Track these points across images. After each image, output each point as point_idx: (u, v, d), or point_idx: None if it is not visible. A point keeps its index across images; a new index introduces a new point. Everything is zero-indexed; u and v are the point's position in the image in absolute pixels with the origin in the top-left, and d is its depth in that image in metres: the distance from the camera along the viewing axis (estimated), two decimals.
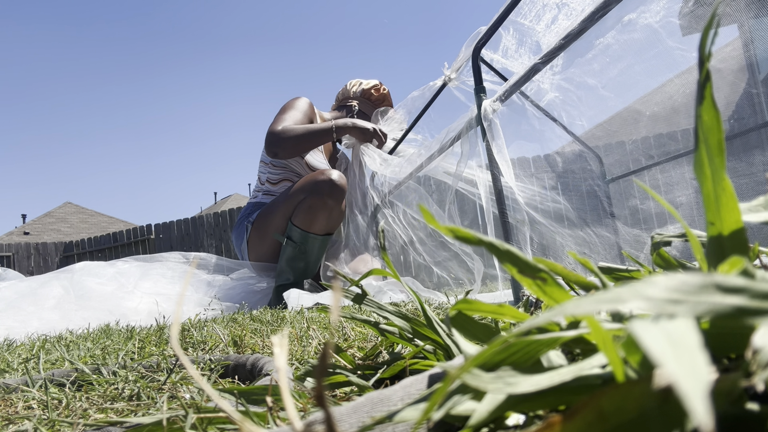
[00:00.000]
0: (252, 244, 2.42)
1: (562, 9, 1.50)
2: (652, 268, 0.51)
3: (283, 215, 2.30)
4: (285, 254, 2.27)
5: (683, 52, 1.60)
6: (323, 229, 2.26)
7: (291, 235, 2.25)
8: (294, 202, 2.26)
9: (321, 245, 2.29)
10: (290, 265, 2.26)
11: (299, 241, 2.24)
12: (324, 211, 2.22)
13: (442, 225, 0.30)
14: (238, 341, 0.84)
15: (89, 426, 0.43)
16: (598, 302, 0.20)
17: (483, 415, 0.23)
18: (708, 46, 0.28)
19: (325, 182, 2.21)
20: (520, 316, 0.34)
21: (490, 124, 1.35)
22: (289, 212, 2.28)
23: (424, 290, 2.07)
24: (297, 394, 0.41)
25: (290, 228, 2.26)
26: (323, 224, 2.25)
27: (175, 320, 0.22)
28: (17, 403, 0.55)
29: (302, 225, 2.23)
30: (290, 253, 2.25)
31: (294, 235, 2.24)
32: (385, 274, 0.50)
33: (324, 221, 2.24)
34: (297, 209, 2.24)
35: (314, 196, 2.20)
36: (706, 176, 0.29)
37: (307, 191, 2.23)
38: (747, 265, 0.25)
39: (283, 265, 2.27)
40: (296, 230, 2.24)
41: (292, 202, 2.27)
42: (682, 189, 2.25)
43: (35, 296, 1.90)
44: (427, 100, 2.30)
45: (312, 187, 2.22)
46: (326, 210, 2.22)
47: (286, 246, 2.26)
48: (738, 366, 0.21)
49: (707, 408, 0.13)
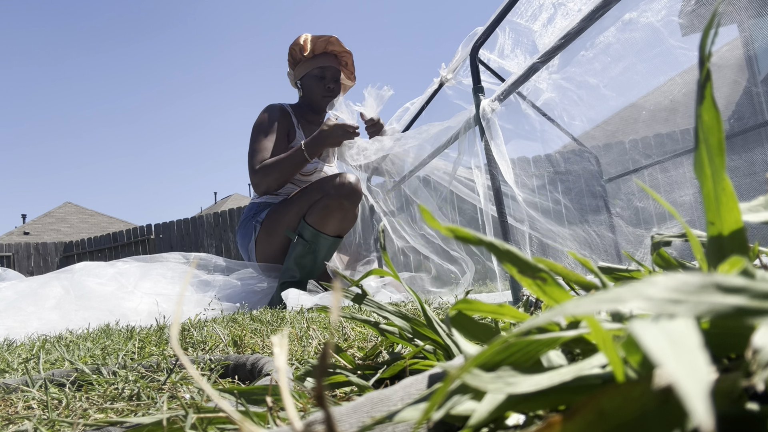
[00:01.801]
0: (260, 244, 2.42)
1: (558, 9, 1.50)
2: (652, 268, 0.51)
3: (296, 213, 2.29)
4: (294, 252, 2.26)
5: (685, 51, 1.60)
6: (335, 230, 2.26)
7: (302, 233, 2.25)
8: (310, 200, 2.26)
9: (331, 246, 2.29)
10: (298, 262, 2.26)
11: (310, 240, 2.24)
12: (339, 212, 2.22)
13: (442, 225, 0.30)
14: (238, 341, 0.84)
15: (89, 426, 0.43)
16: (598, 302, 0.20)
17: (483, 415, 0.23)
18: (708, 46, 0.28)
19: (344, 185, 2.21)
20: (520, 316, 0.34)
21: (488, 123, 1.35)
22: (303, 210, 2.27)
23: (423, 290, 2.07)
24: (297, 394, 0.41)
25: (303, 226, 2.25)
26: (336, 225, 2.25)
27: (175, 320, 0.22)
28: (17, 403, 0.55)
29: (315, 224, 2.23)
30: (299, 251, 2.25)
31: (306, 233, 2.24)
32: (385, 274, 0.50)
33: (338, 222, 2.24)
34: (312, 208, 2.24)
35: (332, 197, 2.21)
36: (706, 176, 0.29)
37: (325, 191, 2.23)
38: (747, 264, 0.25)
39: (291, 262, 2.27)
40: (309, 228, 2.24)
41: (307, 201, 2.27)
42: (681, 188, 2.25)
43: (35, 296, 1.90)
44: (420, 107, 2.27)
45: (330, 187, 2.22)
46: (342, 211, 2.22)
47: (296, 244, 2.26)
48: (738, 366, 0.21)
49: (707, 408, 0.13)
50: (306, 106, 2.62)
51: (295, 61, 2.57)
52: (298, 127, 2.55)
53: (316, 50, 2.51)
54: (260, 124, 2.48)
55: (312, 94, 2.55)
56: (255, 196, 2.59)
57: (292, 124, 2.54)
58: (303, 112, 2.62)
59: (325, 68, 2.52)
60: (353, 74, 2.66)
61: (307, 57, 2.51)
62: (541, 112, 1.99)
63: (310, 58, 2.52)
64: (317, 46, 2.50)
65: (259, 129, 2.46)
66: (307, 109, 2.62)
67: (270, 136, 2.43)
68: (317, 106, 2.58)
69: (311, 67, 2.52)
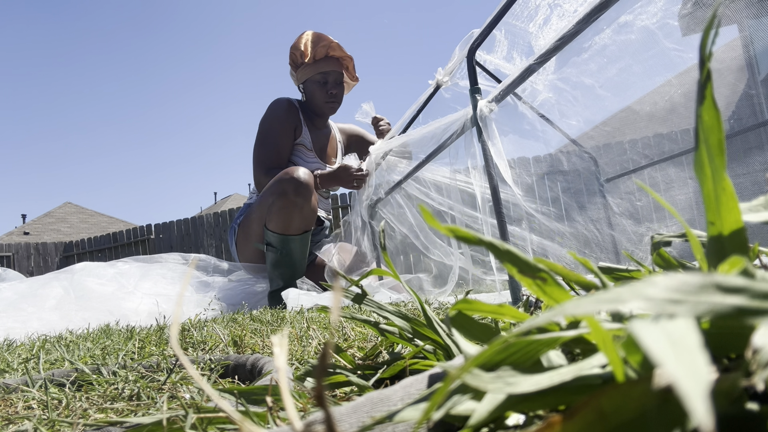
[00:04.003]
0: (240, 247, 2.42)
1: (554, 10, 1.50)
2: (651, 268, 0.51)
3: (259, 221, 2.27)
4: (269, 260, 2.25)
5: (680, 53, 1.60)
6: (298, 228, 2.20)
7: (269, 241, 2.21)
8: (265, 206, 2.21)
9: (301, 244, 2.23)
10: (277, 270, 2.23)
11: (278, 246, 2.20)
12: (294, 210, 2.15)
13: (442, 225, 0.30)
14: (238, 341, 0.84)
15: (89, 426, 0.43)
16: (598, 302, 0.20)
17: (483, 415, 0.23)
18: (709, 47, 0.28)
19: (290, 181, 2.14)
20: (520, 316, 0.34)
21: (485, 124, 1.35)
22: (264, 218, 2.24)
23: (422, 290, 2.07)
24: (297, 394, 0.41)
25: (267, 234, 2.22)
26: (297, 224, 2.18)
27: (174, 320, 0.22)
28: (17, 403, 0.55)
29: (277, 229, 2.18)
30: (273, 259, 2.22)
31: (272, 241, 2.20)
32: (386, 274, 0.50)
33: (297, 221, 2.18)
34: (268, 213, 2.20)
35: (282, 198, 2.15)
36: (706, 176, 0.29)
37: (274, 194, 2.17)
38: (747, 264, 0.25)
39: (270, 272, 2.26)
40: (273, 235, 2.20)
41: (263, 207, 2.22)
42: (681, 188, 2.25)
43: (35, 297, 1.90)
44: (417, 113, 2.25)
45: (277, 188, 2.16)
46: (296, 209, 2.16)
47: (268, 252, 2.23)
48: (738, 366, 0.21)
49: (707, 408, 0.13)
50: (309, 109, 2.62)
51: (296, 64, 2.54)
52: (304, 124, 2.53)
53: (317, 55, 2.48)
54: (269, 118, 2.46)
55: (314, 98, 2.54)
56: (249, 197, 2.59)
57: (299, 120, 2.53)
58: (307, 112, 2.62)
59: (327, 73, 2.50)
60: (354, 76, 2.66)
61: (308, 62, 2.48)
62: (539, 114, 1.99)
63: (311, 64, 2.49)
64: (318, 52, 2.46)
65: (268, 124, 2.44)
66: (311, 111, 2.61)
67: (278, 133, 2.41)
68: (320, 110, 2.57)
69: (313, 73, 2.49)
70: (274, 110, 2.49)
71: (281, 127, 2.44)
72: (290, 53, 2.52)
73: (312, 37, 2.48)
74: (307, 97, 2.57)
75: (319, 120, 2.62)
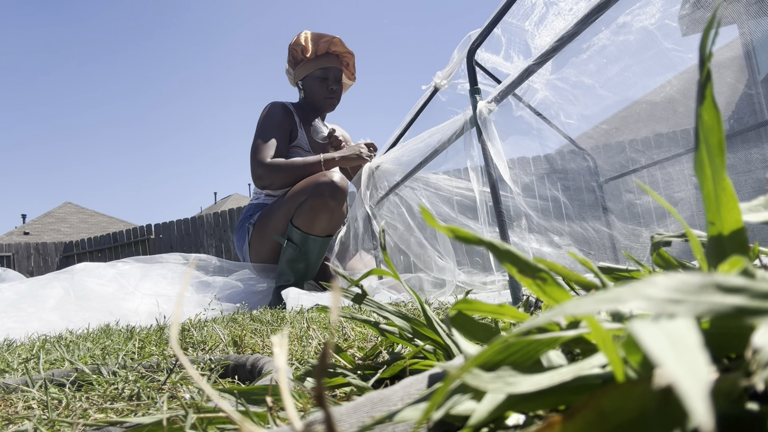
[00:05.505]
0: (253, 246, 2.41)
1: (550, 8, 1.50)
2: (651, 268, 0.51)
3: (283, 216, 2.28)
4: (285, 256, 2.26)
5: (680, 54, 1.61)
6: (324, 230, 2.24)
7: (291, 236, 2.24)
8: (295, 203, 2.24)
9: (321, 247, 2.28)
10: (291, 266, 2.25)
11: (299, 243, 2.23)
12: (325, 212, 2.19)
13: (442, 225, 0.30)
14: (238, 341, 0.84)
15: (89, 426, 0.43)
16: (598, 302, 0.20)
17: (483, 415, 0.23)
18: (709, 47, 0.28)
19: (327, 184, 2.18)
20: (520, 316, 0.34)
21: (485, 124, 1.35)
22: (290, 214, 2.26)
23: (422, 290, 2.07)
24: (297, 394, 0.41)
25: (290, 229, 2.24)
26: (324, 226, 2.23)
27: (174, 320, 0.22)
28: (17, 403, 0.55)
29: (303, 227, 2.22)
30: (290, 255, 2.24)
31: (294, 237, 2.23)
32: (386, 274, 0.50)
33: (325, 223, 2.22)
34: (298, 210, 2.23)
35: (316, 198, 2.18)
36: (706, 176, 0.29)
37: (309, 193, 2.20)
38: (747, 264, 0.25)
39: (284, 266, 2.26)
40: (297, 232, 2.23)
41: (293, 204, 2.25)
42: (680, 188, 2.25)
43: (35, 297, 1.90)
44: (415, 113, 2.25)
45: (314, 188, 2.19)
46: (328, 212, 2.20)
47: (287, 248, 2.25)
48: (738, 366, 0.21)
49: (707, 408, 0.13)
50: (307, 106, 2.61)
51: (295, 61, 2.54)
52: (300, 126, 2.53)
53: (319, 51, 2.48)
54: (266, 119, 2.46)
55: (314, 95, 2.54)
56: (253, 197, 2.59)
57: (295, 123, 2.53)
58: (304, 112, 2.60)
59: (328, 69, 2.50)
60: (353, 74, 2.66)
61: (309, 58, 2.49)
62: (538, 114, 1.99)
63: (312, 59, 2.49)
64: (319, 47, 2.47)
65: (266, 123, 2.45)
66: (309, 109, 2.61)
67: (276, 132, 2.42)
68: (319, 107, 2.57)
69: (313, 68, 2.50)
70: (271, 111, 2.50)
71: (280, 123, 2.46)
72: (290, 50, 2.52)
73: (312, 35, 2.49)
74: (306, 93, 2.58)
75: (317, 117, 2.62)
